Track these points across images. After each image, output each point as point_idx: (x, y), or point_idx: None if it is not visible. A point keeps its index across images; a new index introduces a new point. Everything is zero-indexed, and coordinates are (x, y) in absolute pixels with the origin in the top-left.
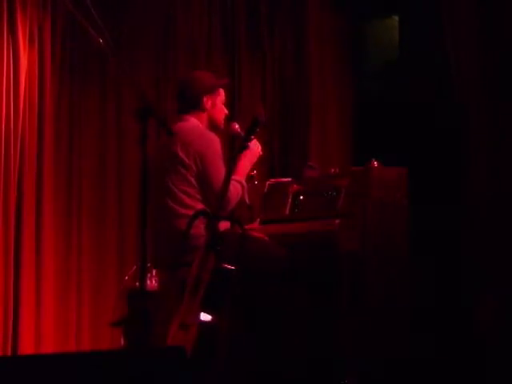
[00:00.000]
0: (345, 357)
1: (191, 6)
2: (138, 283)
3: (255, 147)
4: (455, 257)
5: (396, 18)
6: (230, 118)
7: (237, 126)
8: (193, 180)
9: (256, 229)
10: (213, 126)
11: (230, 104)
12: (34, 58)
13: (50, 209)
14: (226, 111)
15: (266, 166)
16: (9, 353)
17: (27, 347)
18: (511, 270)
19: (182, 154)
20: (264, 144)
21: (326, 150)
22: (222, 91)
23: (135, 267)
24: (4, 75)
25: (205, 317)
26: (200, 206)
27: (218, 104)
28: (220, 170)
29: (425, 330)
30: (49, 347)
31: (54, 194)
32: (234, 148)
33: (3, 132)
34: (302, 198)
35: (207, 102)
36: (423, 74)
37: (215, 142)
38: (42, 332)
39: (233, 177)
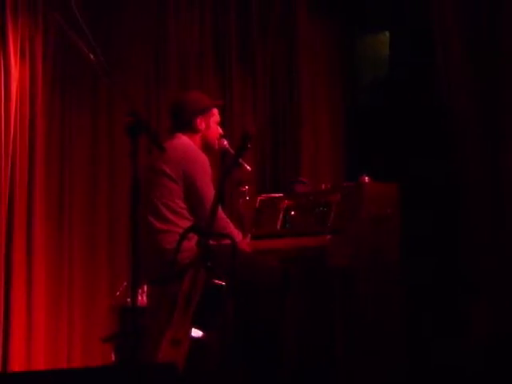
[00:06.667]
0: (339, 369)
1: (182, 19)
2: (129, 299)
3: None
4: (449, 265)
5: (387, 33)
6: (222, 135)
7: (225, 143)
8: (179, 195)
9: (248, 244)
10: (206, 146)
11: (221, 119)
12: (26, 73)
13: (41, 224)
14: (220, 131)
15: (258, 181)
16: None
17: (18, 364)
18: (505, 274)
19: (168, 169)
20: (255, 159)
21: (317, 165)
22: (215, 111)
23: (126, 283)
24: None
25: (196, 333)
26: (183, 222)
27: (211, 125)
28: (209, 188)
29: (420, 344)
30: (40, 363)
31: (45, 209)
32: (224, 164)
33: None
34: (293, 213)
35: (201, 123)
36: (414, 89)
37: (204, 161)
38: (33, 348)
39: None
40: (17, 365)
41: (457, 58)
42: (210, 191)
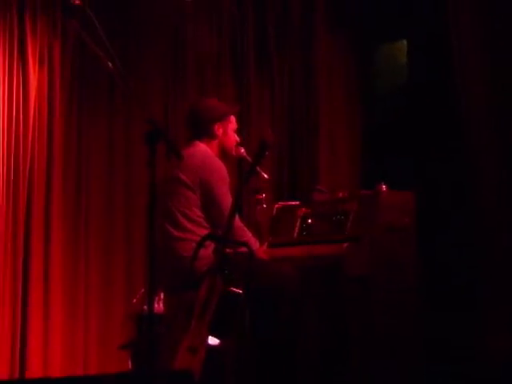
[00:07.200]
0: (355, 378)
1: (200, 27)
2: (145, 306)
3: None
4: (467, 282)
5: (404, 41)
6: (240, 142)
7: (242, 151)
8: (196, 204)
9: (265, 251)
10: (224, 153)
11: (238, 126)
12: (44, 80)
13: (59, 231)
14: (237, 138)
15: (275, 189)
16: (16, 376)
17: (35, 370)
18: None
19: (185, 178)
20: (273, 167)
21: (334, 173)
22: (233, 119)
23: (143, 290)
24: (14, 97)
25: (213, 340)
26: (200, 230)
27: (229, 132)
28: (226, 196)
29: (435, 354)
30: (56, 370)
31: (62, 216)
32: (241, 172)
33: (12, 152)
34: (310, 221)
35: (218, 129)
36: (432, 97)
37: (222, 169)
38: (50, 355)
39: None
40: (33, 371)
41: (474, 66)
42: (227, 199)
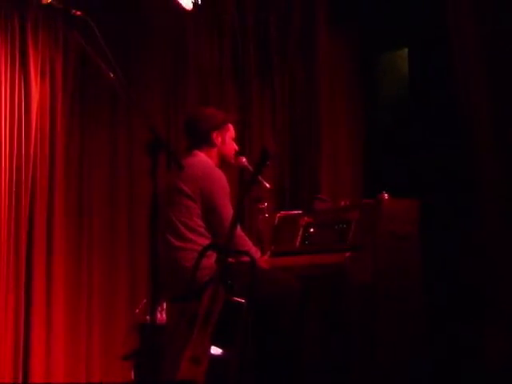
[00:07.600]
0: None
1: (201, 37)
2: (148, 316)
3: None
4: (467, 287)
5: (406, 49)
6: (239, 151)
7: (244, 160)
8: (197, 214)
9: (266, 261)
10: (223, 161)
11: (240, 136)
12: (46, 92)
13: (61, 242)
14: (235, 147)
15: (277, 198)
16: None
17: (37, 380)
18: None
19: (185, 188)
20: (274, 176)
21: (336, 182)
22: (231, 127)
23: (145, 300)
24: (16, 109)
25: (215, 350)
26: (202, 240)
27: (227, 140)
28: (227, 206)
29: (439, 362)
30: (59, 380)
31: (64, 227)
32: (242, 182)
33: (14, 164)
34: (312, 230)
35: (217, 137)
36: (433, 105)
37: (222, 179)
38: (52, 365)
39: None
40: (36, 381)
41: (475, 69)
42: (228, 209)
